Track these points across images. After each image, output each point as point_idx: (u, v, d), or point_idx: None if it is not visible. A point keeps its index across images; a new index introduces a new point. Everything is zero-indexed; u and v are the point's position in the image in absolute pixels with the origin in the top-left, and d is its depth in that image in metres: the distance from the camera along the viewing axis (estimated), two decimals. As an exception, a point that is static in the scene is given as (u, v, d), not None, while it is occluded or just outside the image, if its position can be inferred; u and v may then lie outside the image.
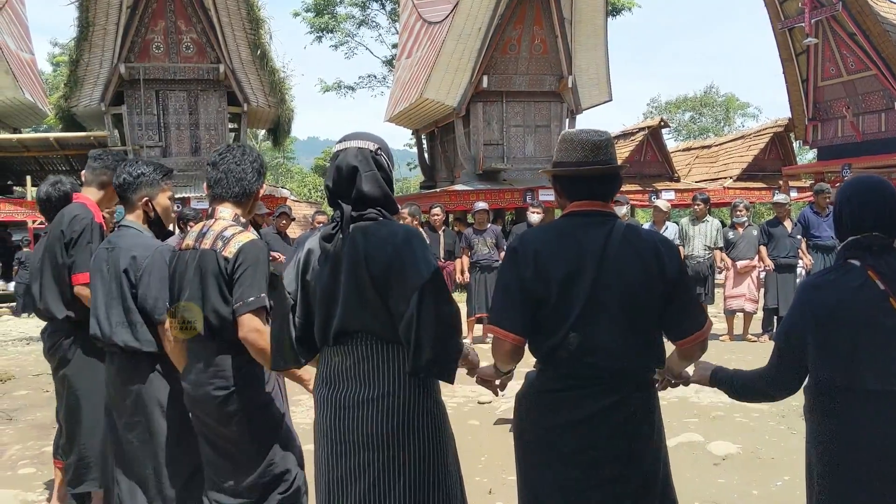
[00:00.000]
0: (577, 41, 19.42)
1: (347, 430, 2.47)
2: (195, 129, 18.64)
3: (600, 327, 2.38)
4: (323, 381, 2.59)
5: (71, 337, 3.95)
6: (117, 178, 3.57)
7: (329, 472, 2.52)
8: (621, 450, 2.42)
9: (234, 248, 2.93)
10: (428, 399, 2.52)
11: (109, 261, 3.45)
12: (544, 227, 2.67)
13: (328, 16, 36.97)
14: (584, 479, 2.42)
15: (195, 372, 3.01)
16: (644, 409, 2.48)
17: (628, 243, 2.43)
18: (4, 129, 20.03)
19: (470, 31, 18.11)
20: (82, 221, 3.89)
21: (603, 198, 2.54)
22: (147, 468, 3.36)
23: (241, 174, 3.11)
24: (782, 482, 4.56)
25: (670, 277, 2.43)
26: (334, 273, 2.49)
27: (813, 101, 19.57)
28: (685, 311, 2.49)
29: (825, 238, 10.30)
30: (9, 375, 8.92)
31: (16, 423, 6.76)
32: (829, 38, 18.42)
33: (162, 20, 18.02)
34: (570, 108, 19.87)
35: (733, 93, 50.06)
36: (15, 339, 12.32)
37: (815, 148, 20.83)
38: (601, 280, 2.38)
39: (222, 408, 2.93)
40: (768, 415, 6.11)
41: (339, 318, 2.48)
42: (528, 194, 18.01)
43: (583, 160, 2.50)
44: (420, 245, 2.48)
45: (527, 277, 2.41)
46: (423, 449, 2.48)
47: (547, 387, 2.48)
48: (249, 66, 18.42)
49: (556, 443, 2.44)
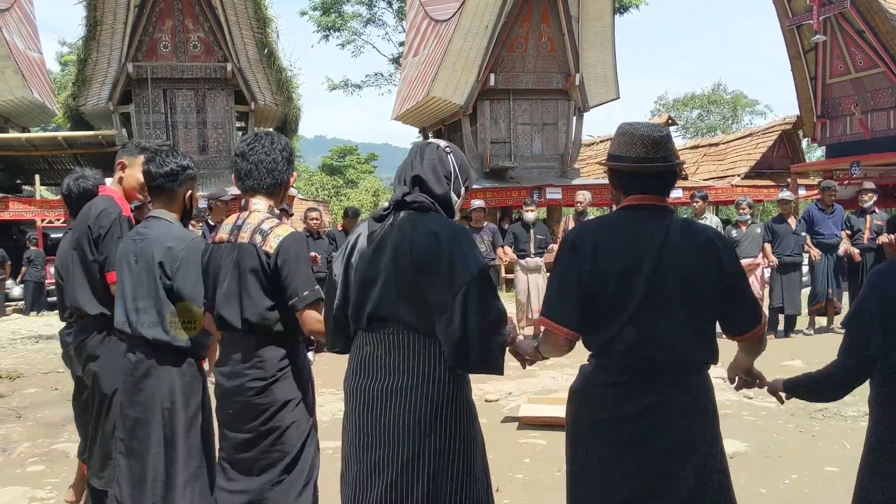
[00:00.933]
0: (585, 39, 19.39)
1: (375, 422, 2.48)
2: (203, 127, 18.69)
3: (657, 321, 2.38)
4: (354, 371, 2.59)
5: (103, 333, 3.82)
6: (161, 166, 3.43)
7: (357, 464, 2.53)
8: (677, 443, 2.42)
9: (274, 243, 2.88)
10: (457, 394, 2.51)
11: (138, 252, 3.37)
12: (601, 219, 2.68)
13: (335, 14, 37.00)
14: (639, 473, 2.42)
15: (231, 363, 2.97)
16: (699, 403, 2.47)
17: (686, 238, 2.43)
18: (13, 129, 20.12)
19: (477, 29, 18.09)
20: (110, 216, 3.77)
21: (660, 192, 2.53)
22: (155, 463, 3.31)
23: (271, 164, 3.04)
24: (790, 481, 4.55)
25: (728, 272, 2.43)
26: (377, 255, 2.52)
27: (821, 99, 19.49)
28: (743, 306, 2.49)
29: (828, 236, 10.27)
30: (18, 373, 8.96)
31: (25, 420, 6.78)
32: (838, 35, 18.34)
33: (169, 19, 18.08)
34: (577, 105, 19.85)
35: (741, 90, 49.98)
36: (24, 338, 12.37)
37: (824, 145, 20.74)
38: (659, 274, 2.38)
39: (255, 399, 2.91)
40: (777, 413, 6.09)
41: (374, 300, 2.50)
42: (535, 192, 18.00)
43: (643, 156, 2.48)
44: (468, 241, 2.49)
45: (584, 270, 2.40)
46: (451, 442, 2.47)
47: (602, 380, 2.48)
48: (257, 65, 18.46)
49: (612, 436, 2.44)
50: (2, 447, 5.93)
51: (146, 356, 3.34)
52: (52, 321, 14.29)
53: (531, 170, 19.65)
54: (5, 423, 6.65)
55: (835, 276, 10.25)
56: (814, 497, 4.37)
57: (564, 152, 19.93)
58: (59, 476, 5.14)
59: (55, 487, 4.91)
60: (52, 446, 5.85)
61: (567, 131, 19.98)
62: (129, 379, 3.37)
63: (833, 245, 10.26)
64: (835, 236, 10.30)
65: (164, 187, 3.46)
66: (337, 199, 42.28)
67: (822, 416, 6.02)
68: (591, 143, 28.08)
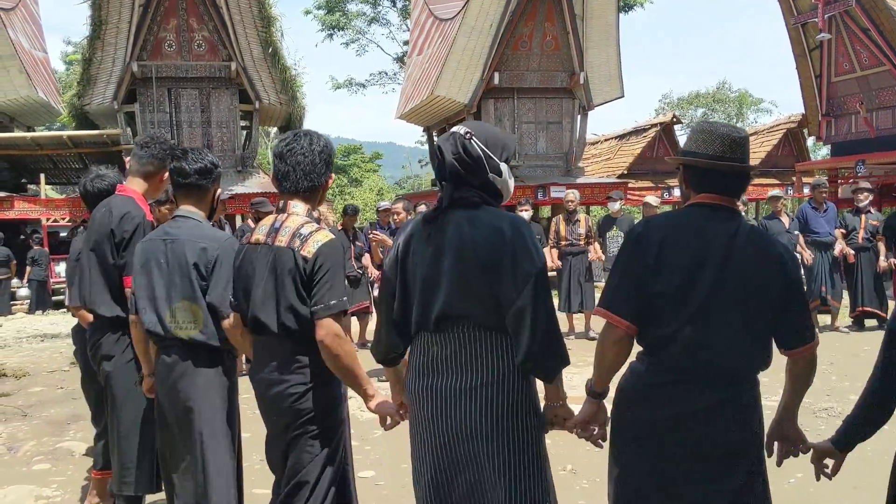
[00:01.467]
0: (589, 37, 19.36)
1: (451, 421, 2.47)
2: (207, 126, 18.70)
3: (716, 323, 2.35)
4: (419, 371, 2.57)
5: (118, 333, 3.78)
6: (194, 163, 3.36)
7: (434, 465, 2.51)
8: (726, 448, 2.40)
9: (312, 248, 2.80)
10: (528, 390, 2.52)
11: (169, 252, 3.29)
12: (669, 214, 2.65)
13: (339, 13, 37.02)
14: (686, 475, 2.41)
15: (268, 370, 2.90)
16: (750, 409, 2.45)
17: (753, 244, 2.41)
18: (18, 128, 20.16)
19: (481, 27, 18.08)
20: (134, 220, 3.70)
21: (732, 194, 2.50)
22: (197, 466, 3.27)
23: (308, 167, 2.94)
24: (795, 480, 4.54)
25: (790, 283, 2.41)
26: (437, 258, 2.49)
27: (826, 97, 19.46)
28: (799, 320, 2.46)
29: (823, 234, 10.26)
30: (23, 372, 8.99)
31: (30, 419, 6.80)
32: (843, 33, 18.31)
33: (174, 18, 18.08)
34: (581, 104, 19.82)
35: (746, 89, 49.84)
36: (29, 336, 12.41)
37: (829, 144, 20.71)
38: (723, 276, 2.35)
39: (297, 404, 2.85)
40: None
41: (441, 303, 2.47)
42: (539, 191, 17.98)
43: (720, 154, 2.46)
44: (530, 233, 2.48)
45: (649, 265, 2.38)
46: (527, 438, 2.47)
47: (655, 379, 2.45)
48: (261, 64, 18.46)
49: (660, 436, 2.43)
50: (8, 445, 5.95)
51: (181, 357, 3.29)
52: (57, 320, 14.33)
53: (535, 168, 19.63)
54: (11, 422, 6.68)
55: (830, 276, 10.23)
56: (818, 496, 4.36)
57: (569, 151, 19.91)
58: (64, 475, 5.16)
59: (60, 486, 4.93)
60: (57, 445, 5.87)
61: (571, 130, 19.95)
62: (166, 380, 3.32)
63: (828, 243, 10.25)
64: (829, 234, 10.29)
65: (198, 185, 3.39)
66: (341, 198, 42.22)
67: (826, 415, 6.01)
68: (596, 142, 28.05)
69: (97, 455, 4.28)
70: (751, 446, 2.45)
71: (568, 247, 10.16)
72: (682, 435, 2.40)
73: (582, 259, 10.18)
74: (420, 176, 48.98)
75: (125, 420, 3.77)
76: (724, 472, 2.40)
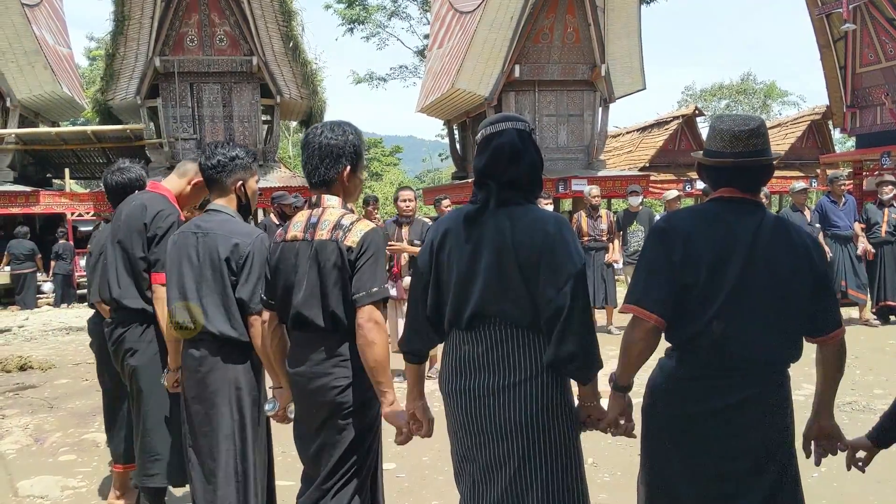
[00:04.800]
0: (610, 29, 19.24)
1: (486, 420, 2.46)
2: (229, 121, 18.80)
3: (745, 317, 2.34)
4: (453, 372, 2.56)
5: (143, 327, 3.79)
6: (209, 159, 3.38)
7: (471, 463, 2.52)
8: (757, 442, 2.39)
9: (356, 237, 2.79)
10: (562, 387, 2.50)
11: (200, 246, 3.29)
12: (693, 209, 2.63)
13: (359, 7, 37.02)
14: (717, 470, 2.39)
15: (310, 364, 2.88)
16: (782, 403, 2.44)
17: (779, 235, 2.39)
18: (43, 123, 20.37)
19: (502, 20, 18.02)
20: (168, 219, 3.72)
21: (748, 189, 2.46)
22: (225, 460, 3.27)
23: (317, 161, 2.90)
24: (819, 474, 4.50)
25: (818, 273, 2.40)
26: (475, 255, 2.47)
27: (851, 88, 19.20)
28: (828, 309, 2.44)
29: (843, 228, 10.14)
30: (49, 364, 9.11)
31: (56, 410, 6.89)
32: (868, 23, 18.05)
33: (195, 13, 18.19)
34: (603, 96, 19.71)
35: (773, 80, 49.30)
36: (55, 330, 12.56)
37: (854, 135, 20.45)
38: (750, 268, 2.34)
39: (338, 398, 2.84)
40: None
41: (476, 300, 2.46)
42: (560, 184, 17.92)
43: (720, 151, 2.46)
44: (571, 233, 2.46)
45: (676, 260, 2.37)
46: (563, 435, 2.47)
47: (686, 374, 2.44)
48: (282, 58, 18.53)
49: (692, 432, 2.41)
50: (35, 437, 6.03)
51: (210, 352, 3.28)
52: (82, 313, 14.48)
53: (556, 161, 19.54)
54: (38, 413, 6.76)
55: (853, 269, 10.12)
56: (843, 490, 4.33)
57: (590, 143, 19.81)
58: (89, 465, 5.22)
59: (86, 476, 4.99)
60: (82, 436, 5.94)
61: (593, 122, 19.85)
62: (195, 374, 3.31)
63: (847, 237, 10.14)
64: (849, 228, 10.18)
65: (214, 178, 3.41)
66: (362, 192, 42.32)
67: (850, 409, 5.95)
68: (617, 135, 27.89)
69: (115, 449, 4.27)
70: (782, 441, 2.43)
71: (590, 242, 10.16)
72: (714, 430, 2.38)
73: (604, 254, 10.22)
74: (440, 169, 49.00)
75: (152, 414, 3.77)
76: (756, 466, 2.38)
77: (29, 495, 4.67)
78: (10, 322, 13.52)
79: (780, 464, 2.42)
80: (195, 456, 3.34)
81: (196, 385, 3.31)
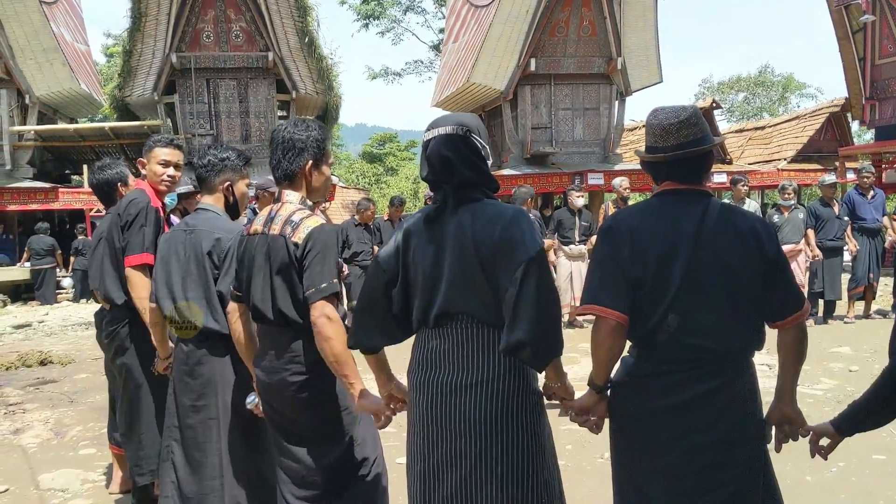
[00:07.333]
0: (627, 22, 19.13)
1: (445, 416, 2.44)
2: (245, 116, 18.88)
3: (699, 308, 2.32)
4: (419, 365, 2.55)
5: (128, 322, 3.92)
6: (201, 159, 3.54)
7: (425, 458, 2.50)
8: (723, 435, 2.36)
9: (303, 234, 2.83)
10: (527, 387, 2.47)
11: (187, 242, 3.43)
12: (637, 205, 2.61)
13: (374, 2, 37.04)
14: (685, 465, 2.37)
15: (269, 359, 2.95)
16: (746, 393, 2.41)
17: (725, 221, 2.37)
18: (62, 120, 20.54)
19: (517, 13, 17.97)
20: (138, 205, 3.87)
21: (689, 180, 2.45)
22: (210, 452, 3.34)
23: (280, 155, 2.96)
24: (837, 469, 4.48)
25: (769, 256, 2.36)
26: (438, 254, 2.46)
27: (870, 80, 19.00)
28: (784, 291, 2.41)
29: (870, 221, 10.06)
30: (69, 359, 9.20)
31: (77, 405, 6.96)
32: (887, 14, 17.85)
33: (212, 9, 18.26)
34: (619, 90, 19.62)
35: (791, 72, 48.85)
36: (74, 324, 12.68)
37: (873, 128, 20.24)
38: (698, 259, 2.32)
39: (298, 394, 2.89)
40: (823, 401, 6.00)
41: (441, 299, 2.45)
42: (576, 178, 17.85)
43: (652, 145, 2.46)
44: (527, 223, 2.43)
45: (624, 256, 2.36)
46: (521, 437, 2.43)
47: (646, 371, 2.41)
48: (297, 54, 18.58)
49: (657, 428, 2.39)
50: (56, 431, 6.10)
51: (196, 346, 3.38)
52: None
53: (573, 155, 19.49)
54: (58, 408, 6.84)
55: (877, 262, 10.07)
56: (861, 485, 4.30)
57: (606, 137, 19.73)
58: (109, 459, 5.26)
59: (106, 470, 5.03)
60: (102, 430, 5.98)
61: (609, 116, 19.76)
62: (183, 367, 3.41)
63: (875, 230, 10.06)
64: (876, 221, 10.10)
65: (203, 177, 3.55)
66: (377, 187, 42.42)
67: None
68: (634, 128, 27.72)
69: (114, 430, 4.41)
70: (749, 430, 2.41)
71: None
72: (678, 425, 2.36)
73: None
74: (456, 164, 48.84)
75: (148, 408, 3.89)
76: (724, 459, 2.36)
77: (50, 488, 4.73)
78: (31, 317, 13.66)
79: (747, 456, 2.39)
80: (178, 447, 3.42)
81: (184, 377, 3.41)
